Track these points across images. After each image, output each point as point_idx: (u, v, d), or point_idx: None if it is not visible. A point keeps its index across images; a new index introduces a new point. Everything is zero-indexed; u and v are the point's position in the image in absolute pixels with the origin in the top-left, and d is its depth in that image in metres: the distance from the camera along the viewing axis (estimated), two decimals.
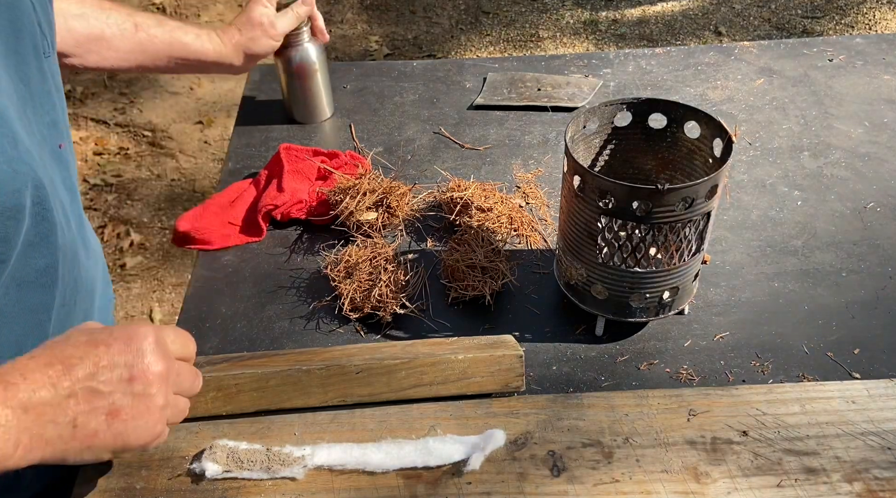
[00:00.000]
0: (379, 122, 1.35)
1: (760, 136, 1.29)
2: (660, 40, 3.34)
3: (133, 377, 0.62)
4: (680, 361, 0.93)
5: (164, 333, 0.67)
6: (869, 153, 1.24)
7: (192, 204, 2.59)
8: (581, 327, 0.97)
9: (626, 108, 0.94)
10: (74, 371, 0.60)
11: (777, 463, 0.73)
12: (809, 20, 3.42)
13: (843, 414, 0.77)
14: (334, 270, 1.01)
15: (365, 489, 0.72)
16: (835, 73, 1.43)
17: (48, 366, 0.60)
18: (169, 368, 0.65)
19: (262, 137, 1.33)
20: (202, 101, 3.08)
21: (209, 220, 1.12)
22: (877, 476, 0.72)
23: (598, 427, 0.77)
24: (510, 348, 0.82)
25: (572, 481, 0.72)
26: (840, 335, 0.95)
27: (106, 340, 0.63)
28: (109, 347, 0.62)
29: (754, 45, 1.52)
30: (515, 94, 1.39)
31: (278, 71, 1.30)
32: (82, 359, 0.61)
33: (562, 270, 0.96)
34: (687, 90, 1.40)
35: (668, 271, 0.88)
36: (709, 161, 0.92)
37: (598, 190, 0.84)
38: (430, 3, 3.64)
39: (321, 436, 0.76)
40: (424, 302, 1.01)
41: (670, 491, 0.71)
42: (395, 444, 0.74)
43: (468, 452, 0.73)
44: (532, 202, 1.15)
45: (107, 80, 3.19)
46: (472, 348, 0.82)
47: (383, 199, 1.09)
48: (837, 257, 1.06)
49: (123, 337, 0.64)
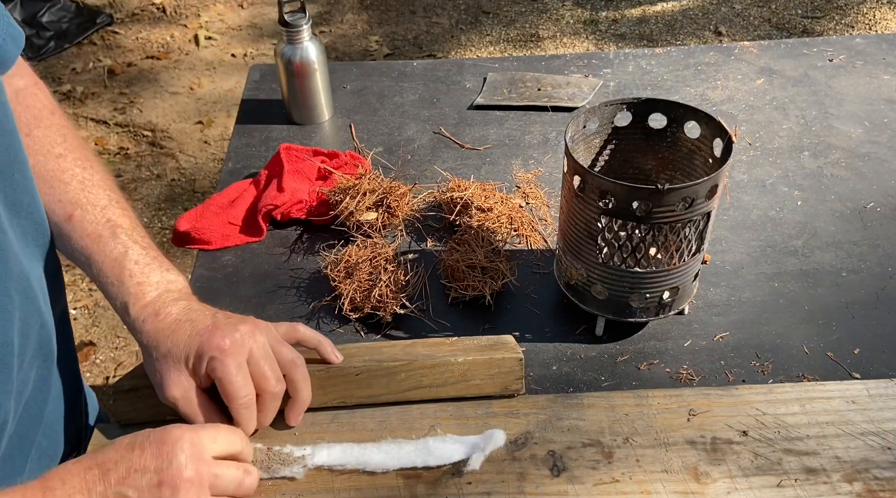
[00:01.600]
0: (379, 122, 1.35)
1: (760, 136, 1.29)
2: (660, 40, 3.33)
3: (161, 483, 0.62)
4: (680, 361, 0.93)
5: (201, 435, 0.66)
6: (869, 153, 1.24)
7: (192, 204, 2.59)
8: (581, 327, 0.97)
9: (626, 108, 0.94)
10: (109, 476, 0.61)
11: (777, 463, 0.73)
12: (809, 20, 3.42)
13: (843, 414, 0.77)
14: (334, 270, 1.01)
15: (365, 489, 0.72)
16: (835, 73, 1.43)
17: (87, 470, 0.61)
18: (202, 471, 0.64)
19: (262, 137, 1.33)
20: (202, 101, 3.08)
21: (209, 220, 1.12)
22: (877, 476, 0.72)
23: (598, 427, 0.77)
24: (510, 351, 0.82)
25: (572, 481, 0.72)
26: (840, 335, 0.95)
27: (142, 443, 0.64)
28: (143, 451, 0.63)
29: (754, 45, 1.52)
30: (515, 94, 1.39)
31: (278, 71, 1.30)
32: (117, 463, 0.62)
33: (562, 269, 0.96)
34: (687, 90, 1.40)
35: (668, 271, 0.88)
36: (709, 161, 0.92)
37: (598, 190, 0.84)
38: (430, 3, 3.64)
39: (321, 436, 0.76)
40: (424, 302, 1.00)
41: (670, 491, 0.71)
42: (396, 444, 0.74)
43: (468, 452, 0.73)
44: (532, 202, 1.15)
45: (107, 80, 3.19)
46: (472, 350, 0.82)
47: (383, 199, 1.09)
48: (837, 257, 1.06)
49: (157, 440, 0.64)
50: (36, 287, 0.74)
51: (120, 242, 0.78)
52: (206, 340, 0.71)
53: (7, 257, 0.68)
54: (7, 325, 0.68)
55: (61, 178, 0.81)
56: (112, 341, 2.20)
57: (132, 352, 2.17)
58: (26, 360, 0.73)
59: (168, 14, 3.61)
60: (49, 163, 0.81)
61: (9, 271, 0.69)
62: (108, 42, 3.44)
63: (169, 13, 3.61)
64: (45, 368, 0.78)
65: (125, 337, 2.21)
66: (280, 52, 1.27)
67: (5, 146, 0.71)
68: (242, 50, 3.37)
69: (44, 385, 0.78)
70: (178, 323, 0.74)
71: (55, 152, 0.82)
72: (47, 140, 0.82)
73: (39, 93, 0.85)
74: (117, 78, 3.22)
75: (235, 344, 0.72)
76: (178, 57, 3.34)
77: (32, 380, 0.76)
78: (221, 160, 2.74)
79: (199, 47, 3.39)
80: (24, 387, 0.74)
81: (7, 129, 0.72)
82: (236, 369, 0.71)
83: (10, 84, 0.81)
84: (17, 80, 0.83)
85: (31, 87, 0.84)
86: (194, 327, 0.73)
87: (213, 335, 0.72)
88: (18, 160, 0.73)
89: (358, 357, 0.81)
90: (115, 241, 0.78)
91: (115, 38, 3.46)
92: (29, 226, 0.75)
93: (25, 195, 0.74)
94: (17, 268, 0.70)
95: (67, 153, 0.83)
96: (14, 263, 0.70)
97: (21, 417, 0.75)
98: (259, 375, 0.73)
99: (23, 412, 0.75)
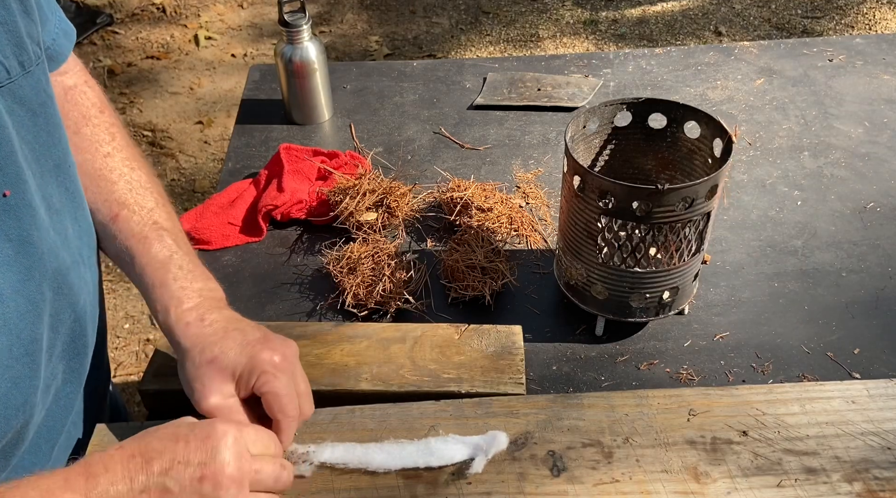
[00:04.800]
0: (379, 122, 1.35)
1: (760, 136, 1.29)
2: (660, 40, 3.33)
3: (203, 477, 0.62)
4: (680, 361, 0.93)
5: (245, 433, 0.66)
6: (869, 153, 1.24)
7: (192, 204, 2.59)
8: (581, 327, 0.97)
9: (626, 108, 0.94)
10: (152, 465, 0.61)
11: (777, 463, 0.73)
12: (809, 20, 3.42)
13: (843, 414, 0.77)
14: (337, 266, 1.01)
15: (365, 489, 0.72)
16: (835, 73, 1.43)
17: (130, 458, 0.61)
18: (244, 468, 0.64)
19: (262, 137, 1.33)
20: (202, 101, 3.08)
21: (209, 220, 1.12)
22: (877, 476, 0.72)
23: (598, 427, 0.77)
24: (513, 352, 0.84)
25: (572, 481, 0.72)
26: (840, 335, 0.95)
27: (186, 435, 0.63)
28: (188, 444, 0.62)
29: (754, 45, 1.52)
30: (515, 94, 1.39)
31: (278, 71, 1.30)
32: (161, 453, 0.62)
33: (562, 269, 0.96)
34: (687, 90, 1.40)
35: (668, 271, 0.88)
36: (709, 161, 0.92)
37: (598, 190, 0.84)
38: (430, 3, 3.64)
39: (321, 436, 0.76)
40: (424, 302, 1.01)
41: (670, 491, 0.71)
42: (398, 444, 0.74)
43: (471, 453, 0.73)
44: (532, 202, 1.15)
45: (107, 80, 3.19)
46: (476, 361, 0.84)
47: (383, 199, 1.09)
48: (837, 257, 1.06)
49: (202, 434, 0.63)
50: (74, 281, 0.74)
51: (165, 246, 0.78)
52: (257, 352, 0.71)
53: (42, 253, 0.68)
54: (36, 320, 0.68)
55: (109, 178, 0.81)
56: (112, 341, 2.20)
57: (132, 352, 2.17)
58: (55, 354, 0.73)
59: (168, 14, 3.61)
60: (97, 161, 0.81)
61: (43, 267, 0.68)
62: (108, 42, 3.44)
63: (169, 13, 3.61)
64: (77, 361, 0.78)
65: (125, 337, 2.21)
66: (280, 52, 1.27)
67: (54, 143, 0.71)
68: (242, 50, 3.37)
69: (74, 377, 0.78)
70: (226, 331, 0.72)
71: (103, 151, 0.82)
72: (95, 138, 0.82)
73: (89, 91, 0.85)
74: (117, 78, 3.22)
75: (287, 361, 0.72)
76: (178, 57, 3.34)
77: (62, 372, 0.76)
78: (221, 160, 2.74)
79: (199, 47, 3.39)
80: (53, 380, 0.74)
81: (56, 123, 0.72)
82: (287, 387, 0.71)
83: (60, 83, 0.81)
84: (68, 79, 0.83)
85: (82, 85, 0.85)
86: (245, 338, 0.72)
87: (266, 348, 0.71)
88: (66, 159, 0.73)
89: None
90: (161, 244, 0.78)
91: (115, 38, 3.46)
92: (71, 223, 0.75)
93: (73, 192, 0.75)
94: (54, 264, 0.70)
95: (115, 152, 0.83)
96: (50, 260, 0.69)
97: (50, 408, 0.75)
98: (301, 395, 0.73)
99: (52, 404, 0.75)
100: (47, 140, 0.70)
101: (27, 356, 0.67)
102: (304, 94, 1.32)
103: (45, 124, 0.70)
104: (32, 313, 0.67)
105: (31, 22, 0.68)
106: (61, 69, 0.81)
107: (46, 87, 0.70)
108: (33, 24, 0.68)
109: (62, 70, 0.81)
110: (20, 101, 0.67)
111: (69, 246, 0.73)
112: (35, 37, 0.69)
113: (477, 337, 0.86)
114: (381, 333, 0.87)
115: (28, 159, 0.67)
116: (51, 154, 0.71)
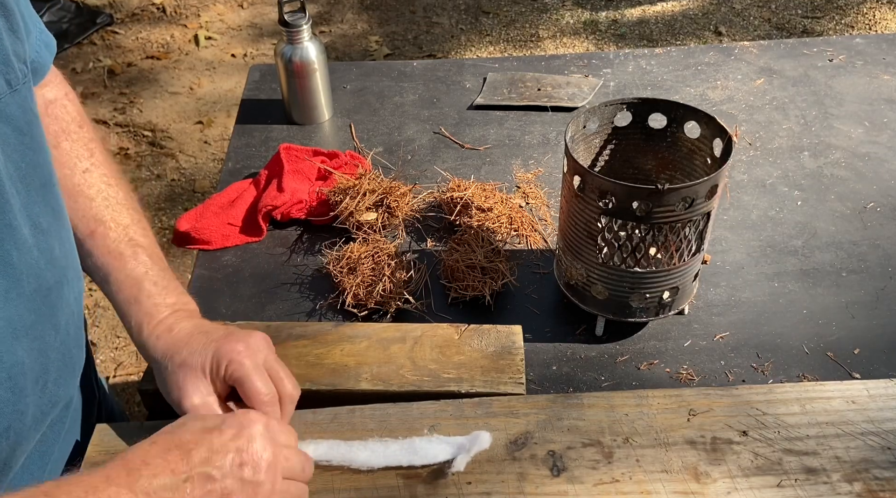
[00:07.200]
0: (379, 122, 1.35)
1: (760, 136, 1.29)
2: (660, 40, 3.33)
3: (243, 462, 0.64)
4: (680, 361, 0.93)
5: (273, 422, 0.69)
6: (869, 153, 1.24)
7: (192, 204, 2.59)
8: (581, 327, 0.97)
9: (626, 108, 0.94)
10: (191, 456, 0.62)
11: (777, 463, 0.73)
12: (809, 20, 3.42)
13: (843, 414, 0.77)
14: (337, 266, 1.01)
15: (364, 489, 0.72)
16: (835, 73, 1.43)
17: (167, 451, 0.62)
18: (277, 454, 0.66)
19: (262, 137, 1.33)
20: (202, 101, 3.08)
21: (209, 220, 1.12)
22: (877, 476, 0.72)
23: (598, 427, 0.77)
24: (513, 354, 0.83)
25: (572, 481, 0.72)
26: (840, 335, 0.95)
27: (219, 426, 0.65)
28: (223, 433, 0.65)
29: (754, 45, 1.52)
30: (515, 94, 1.39)
31: (278, 71, 1.30)
32: (198, 444, 0.63)
33: (562, 269, 0.96)
34: (687, 90, 1.40)
35: (668, 271, 0.88)
36: (708, 161, 0.92)
37: (598, 190, 0.84)
38: (430, 3, 3.64)
39: (321, 436, 0.76)
40: (424, 302, 1.01)
41: (670, 491, 0.71)
42: (382, 443, 0.74)
43: (454, 452, 0.72)
44: (532, 202, 1.15)
45: (107, 80, 3.19)
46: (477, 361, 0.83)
47: (383, 199, 1.09)
48: (837, 257, 1.06)
49: (235, 424, 0.66)
50: (56, 301, 0.74)
51: (140, 263, 0.79)
52: (221, 345, 0.72)
53: (20, 274, 0.67)
54: (14, 342, 0.67)
55: (87, 194, 0.81)
56: (112, 341, 2.20)
57: (132, 352, 2.17)
58: (50, 380, 0.74)
59: (168, 14, 3.60)
60: (75, 177, 0.81)
61: (21, 288, 0.68)
62: (108, 42, 3.44)
63: (169, 13, 3.61)
64: (65, 382, 0.80)
65: (125, 337, 2.21)
66: (280, 52, 1.27)
67: (41, 162, 0.71)
68: (242, 50, 3.37)
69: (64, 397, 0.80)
70: (191, 335, 0.74)
71: (81, 167, 0.82)
72: (74, 154, 0.82)
73: (69, 105, 0.85)
74: (117, 78, 3.22)
75: (251, 348, 0.73)
76: (178, 57, 3.34)
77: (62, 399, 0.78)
78: (221, 160, 2.74)
79: (199, 47, 3.39)
80: (52, 407, 0.76)
81: (41, 142, 0.72)
82: (255, 370, 0.72)
83: (41, 96, 0.81)
84: (49, 92, 0.83)
85: (62, 98, 0.84)
86: (209, 337, 0.74)
87: (228, 340, 0.73)
88: (52, 179, 0.73)
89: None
90: (136, 261, 0.79)
91: (115, 38, 3.46)
92: (57, 243, 0.74)
93: (59, 211, 0.75)
94: (34, 284, 0.70)
95: (93, 169, 0.83)
96: (30, 281, 0.69)
97: (45, 434, 0.76)
98: (276, 378, 0.74)
99: (47, 430, 0.77)
100: (34, 159, 0.70)
101: (9, 380, 0.67)
102: (304, 94, 1.32)
103: (32, 143, 0.70)
104: (10, 335, 0.67)
105: (18, 40, 0.67)
106: (42, 82, 0.80)
107: (32, 105, 0.70)
108: (19, 43, 0.68)
109: (43, 83, 0.81)
110: (7, 120, 0.66)
111: (54, 266, 0.73)
112: (21, 55, 0.68)
113: (477, 337, 0.86)
114: (381, 333, 0.87)
115: (13, 179, 0.67)
116: (37, 173, 0.70)
